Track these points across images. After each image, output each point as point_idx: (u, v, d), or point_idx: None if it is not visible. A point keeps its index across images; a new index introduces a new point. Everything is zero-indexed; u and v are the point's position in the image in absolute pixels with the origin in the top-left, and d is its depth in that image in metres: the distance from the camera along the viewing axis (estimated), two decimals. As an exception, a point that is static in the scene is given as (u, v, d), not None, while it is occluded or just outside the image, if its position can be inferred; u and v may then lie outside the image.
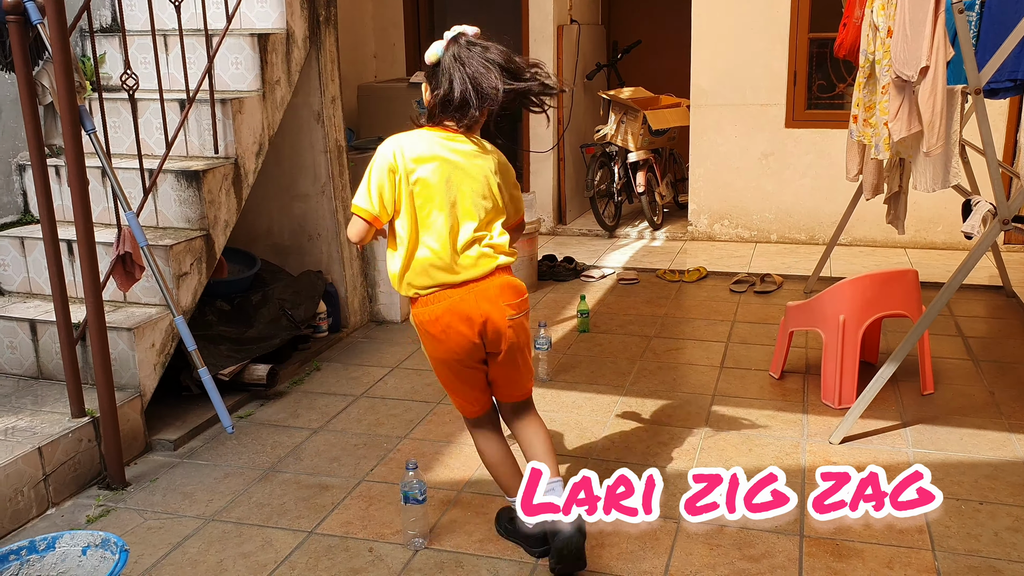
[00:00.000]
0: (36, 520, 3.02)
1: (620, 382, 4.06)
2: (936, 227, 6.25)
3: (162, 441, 3.52)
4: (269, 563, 2.73)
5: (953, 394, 3.83)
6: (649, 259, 6.29)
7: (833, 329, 3.67)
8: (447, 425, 3.63)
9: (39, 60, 3.27)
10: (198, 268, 3.72)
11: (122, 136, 4.02)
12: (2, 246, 3.84)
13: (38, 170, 3.15)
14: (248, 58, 4.05)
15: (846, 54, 4.65)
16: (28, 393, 3.48)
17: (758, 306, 5.15)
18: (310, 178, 4.66)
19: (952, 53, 3.37)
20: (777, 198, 6.59)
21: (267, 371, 3.93)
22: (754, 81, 6.48)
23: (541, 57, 7.04)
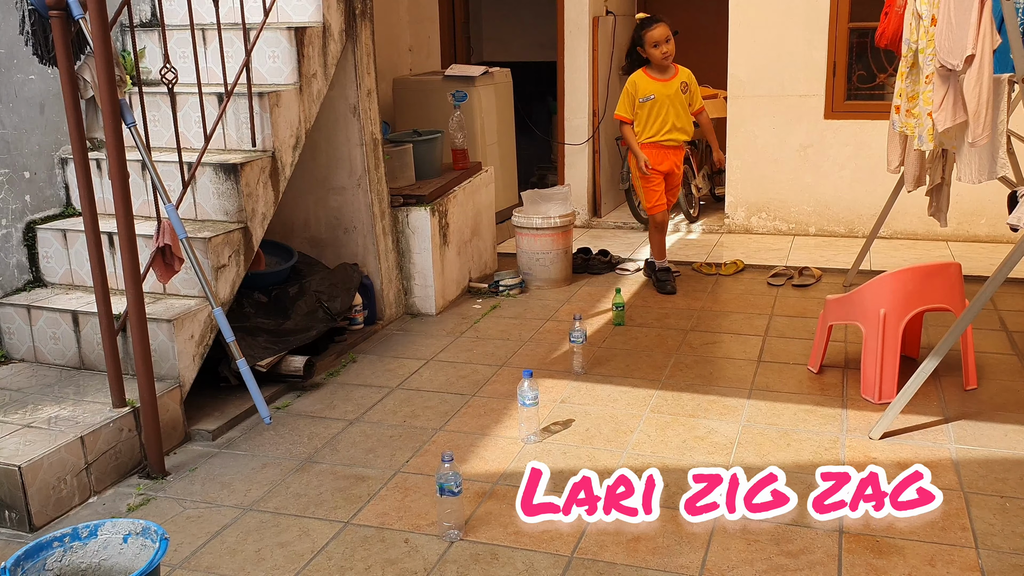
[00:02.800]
0: (79, 508, 3.07)
1: (656, 376, 4.03)
2: (979, 219, 6.13)
3: (201, 431, 3.56)
4: (306, 553, 2.75)
5: (997, 389, 3.75)
6: (685, 252, 6.24)
7: (873, 323, 3.62)
8: (482, 417, 3.63)
9: (81, 55, 3.31)
10: (236, 260, 3.76)
11: (161, 130, 4.06)
12: (45, 239, 3.90)
13: (80, 164, 3.19)
14: (285, 52, 4.08)
15: (888, 43, 4.57)
16: (70, 383, 3.54)
17: (796, 300, 5.09)
18: (346, 171, 4.68)
19: (999, 41, 3.29)
20: (816, 190, 6.51)
21: (304, 363, 3.96)
22: (792, 72, 6.40)
23: (576, 49, 7.03)
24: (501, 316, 4.98)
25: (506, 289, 5.35)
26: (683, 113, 5.14)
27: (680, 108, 5.12)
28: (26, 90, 3.88)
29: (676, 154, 5.24)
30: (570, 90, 7.17)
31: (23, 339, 3.74)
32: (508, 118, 6.62)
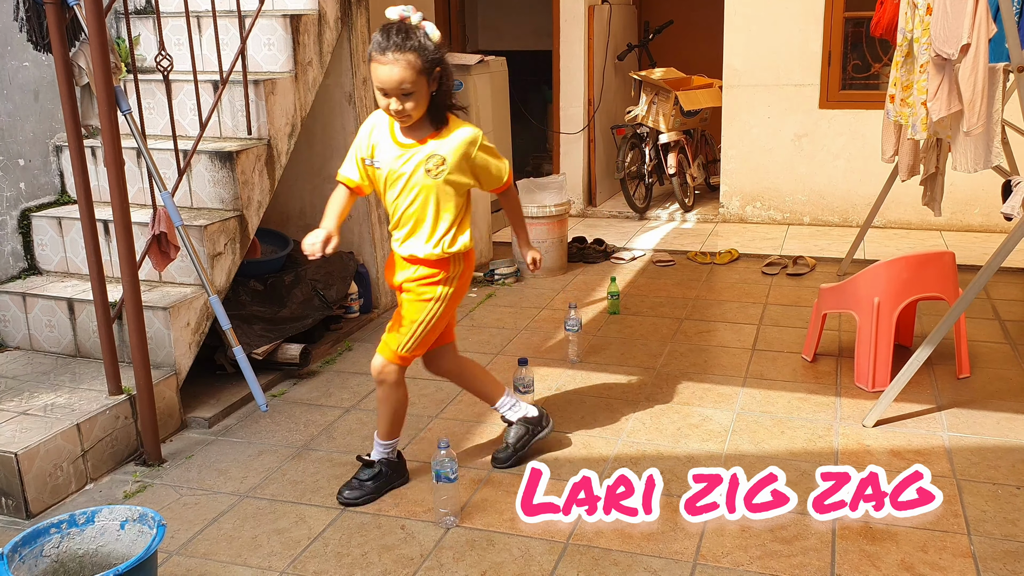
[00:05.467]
0: (75, 495, 3.07)
1: (651, 364, 4.04)
2: (973, 209, 6.15)
3: (197, 419, 3.56)
4: (303, 539, 2.76)
5: (990, 378, 3.78)
6: (680, 241, 6.25)
7: (867, 311, 3.63)
8: (478, 405, 3.64)
9: (75, 41, 3.30)
10: (232, 248, 3.75)
11: (156, 117, 4.05)
12: (40, 226, 3.89)
13: (75, 151, 3.19)
14: (280, 39, 4.06)
15: (883, 32, 4.58)
16: (66, 371, 3.54)
17: (790, 288, 5.11)
18: (341, 159, 4.65)
19: (994, 30, 3.30)
20: (810, 180, 6.52)
21: (300, 351, 3.97)
22: (788, 61, 6.40)
23: (572, 37, 7.02)
24: (496, 304, 4.99)
25: (501, 278, 5.36)
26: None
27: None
28: (20, 77, 3.87)
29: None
30: (565, 79, 7.16)
31: (18, 327, 3.74)
32: (503, 107, 6.61)
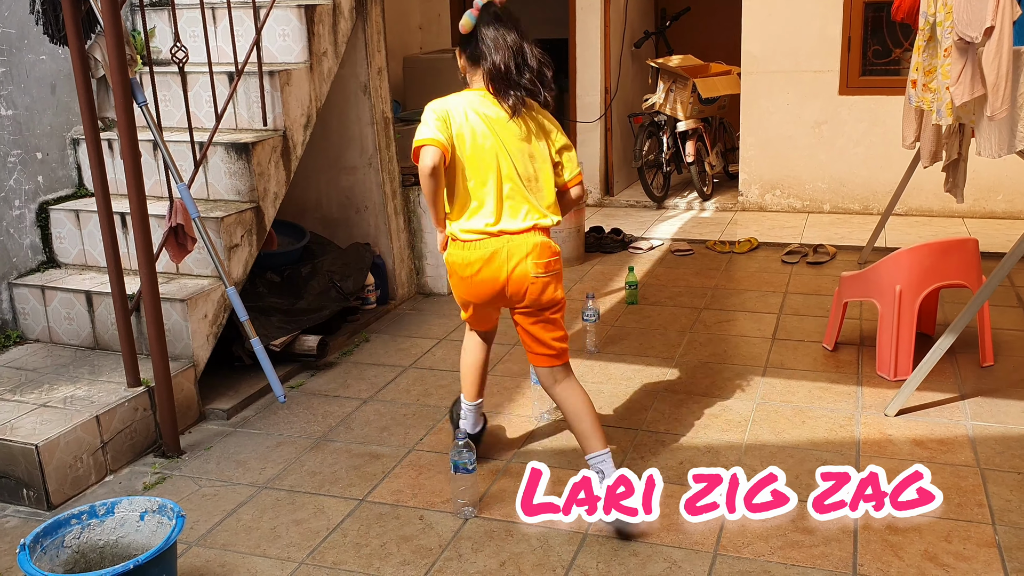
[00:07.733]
0: (95, 486, 3.09)
1: (670, 354, 4.02)
2: (996, 195, 6.06)
3: (215, 410, 3.57)
4: (321, 530, 2.76)
5: (1014, 366, 3.72)
6: (699, 230, 6.21)
7: (889, 299, 3.59)
8: (495, 396, 3.63)
9: (91, 34, 3.30)
10: (249, 240, 3.75)
11: (172, 109, 4.05)
12: (58, 219, 3.91)
13: (92, 143, 3.19)
14: (295, 30, 4.05)
15: (904, 17, 4.51)
16: (85, 363, 3.56)
17: (810, 277, 5.06)
18: (357, 150, 4.67)
19: (1019, 12, 3.23)
20: (830, 167, 6.45)
21: (317, 342, 3.97)
22: (807, 47, 6.32)
23: (588, 25, 6.97)
24: (514, 295, 4.97)
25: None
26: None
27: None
28: (37, 70, 3.88)
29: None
30: (582, 67, 7.12)
31: (38, 320, 3.76)
32: (519, 96, 6.57)
